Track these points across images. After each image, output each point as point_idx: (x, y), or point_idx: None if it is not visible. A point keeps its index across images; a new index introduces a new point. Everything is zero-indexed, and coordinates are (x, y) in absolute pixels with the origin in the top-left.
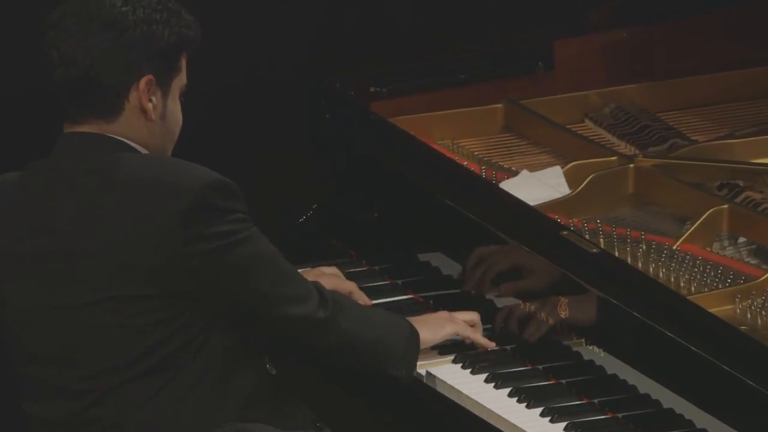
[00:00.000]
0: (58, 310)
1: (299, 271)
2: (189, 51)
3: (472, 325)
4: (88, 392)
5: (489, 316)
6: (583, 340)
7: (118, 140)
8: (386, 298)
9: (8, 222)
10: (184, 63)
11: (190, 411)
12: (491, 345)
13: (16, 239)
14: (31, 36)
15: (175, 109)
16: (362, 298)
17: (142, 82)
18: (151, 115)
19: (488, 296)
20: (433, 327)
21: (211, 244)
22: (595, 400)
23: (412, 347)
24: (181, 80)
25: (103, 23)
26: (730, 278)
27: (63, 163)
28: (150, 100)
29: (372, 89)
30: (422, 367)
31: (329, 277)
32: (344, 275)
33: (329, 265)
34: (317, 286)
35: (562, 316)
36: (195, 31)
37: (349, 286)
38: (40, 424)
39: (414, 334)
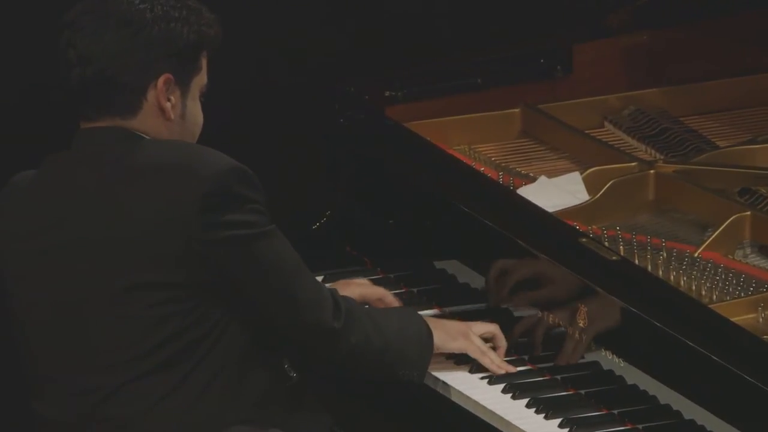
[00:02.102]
0: (73, 303)
1: (329, 273)
2: (209, 50)
3: (491, 337)
4: (99, 388)
5: (506, 325)
6: (603, 350)
7: (136, 134)
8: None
9: (25, 217)
10: (204, 62)
11: (203, 410)
12: (499, 371)
13: (33, 234)
14: (44, 34)
15: (195, 109)
16: (394, 305)
17: (160, 81)
18: (169, 115)
19: (505, 305)
20: (446, 335)
21: (230, 232)
22: (615, 411)
23: (425, 350)
24: (201, 79)
25: (120, 21)
26: (753, 286)
27: (80, 155)
28: (168, 100)
29: (387, 93)
30: (438, 377)
31: (357, 286)
32: None
33: (341, 273)
34: (333, 294)
35: (581, 324)
36: (216, 30)
37: (379, 293)
38: (49, 424)
39: (428, 336)
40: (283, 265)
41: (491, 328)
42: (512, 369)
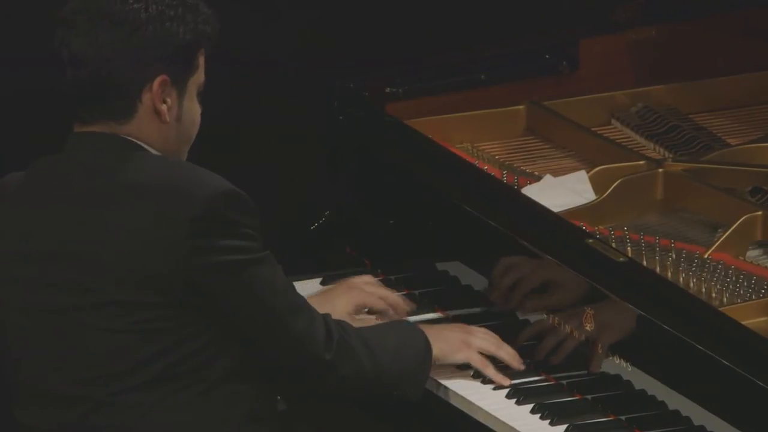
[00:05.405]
0: (57, 312)
1: (329, 274)
2: (207, 47)
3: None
4: (83, 399)
5: (510, 328)
6: (610, 354)
7: (131, 141)
8: None
9: (11, 221)
10: (201, 60)
11: (188, 429)
12: (506, 382)
13: (19, 238)
14: (37, 32)
15: (192, 110)
16: (400, 312)
17: (156, 83)
18: (165, 117)
19: (509, 307)
20: (448, 347)
21: (219, 258)
22: (622, 417)
23: (423, 369)
24: (198, 78)
25: (113, 21)
26: (764, 289)
27: (71, 162)
28: (164, 102)
29: (387, 90)
30: (440, 382)
31: (359, 292)
32: None
33: (341, 274)
34: (326, 322)
35: (588, 328)
36: (213, 26)
37: (381, 304)
38: None
39: (427, 353)
40: (273, 293)
41: (492, 340)
42: (506, 381)
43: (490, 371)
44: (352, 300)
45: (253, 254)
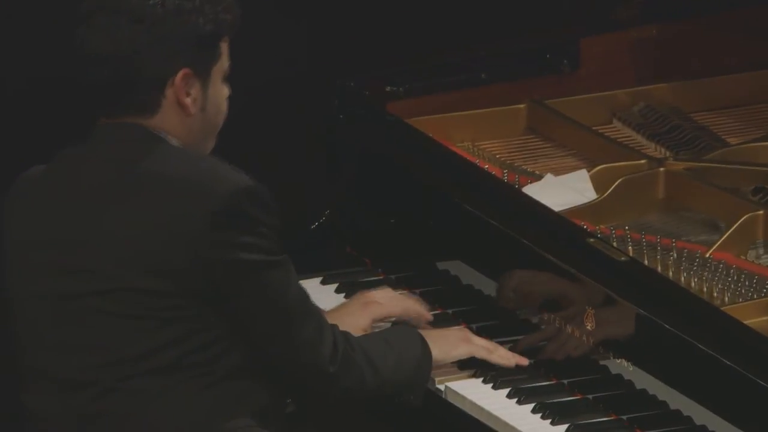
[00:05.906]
0: (68, 298)
1: (329, 274)
2: (230, 34)
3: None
4: (91, 384)
5: (511, 327)
6: (611, 353)
7: (155, 133)
8: None
9: (32, 211)
10: (225, 47)
11: (197, 418)
12: (524, 362)
13: (38, 228)
14: (56, 25)
15: (217, 97)
16: (422, 322)
17: (178, 77)
18: (189, 110)
19: (510, 307)
20: (446, 346)
21: (237, 255)
22: (624, 417)
23: (423, 375)
24: (222, 65)
25: (132, 18)
26: (766, 288)
27: (93, 153)
28: (188, 94)
29: (388, 89)
30: (442, 382)
31: (377, 307)
32: (358, 285)
33: (341, 273)
34: (334, 335)
35: (589, 327)
36: (233, 14)
37: (402, 313)
38: (40, 419)
39: (426, 360)
40: (286, 299)
41: (491, 345)
42: (525, 361)
43: (495, 357)
44: (370, 315)
45: (270, 256)
